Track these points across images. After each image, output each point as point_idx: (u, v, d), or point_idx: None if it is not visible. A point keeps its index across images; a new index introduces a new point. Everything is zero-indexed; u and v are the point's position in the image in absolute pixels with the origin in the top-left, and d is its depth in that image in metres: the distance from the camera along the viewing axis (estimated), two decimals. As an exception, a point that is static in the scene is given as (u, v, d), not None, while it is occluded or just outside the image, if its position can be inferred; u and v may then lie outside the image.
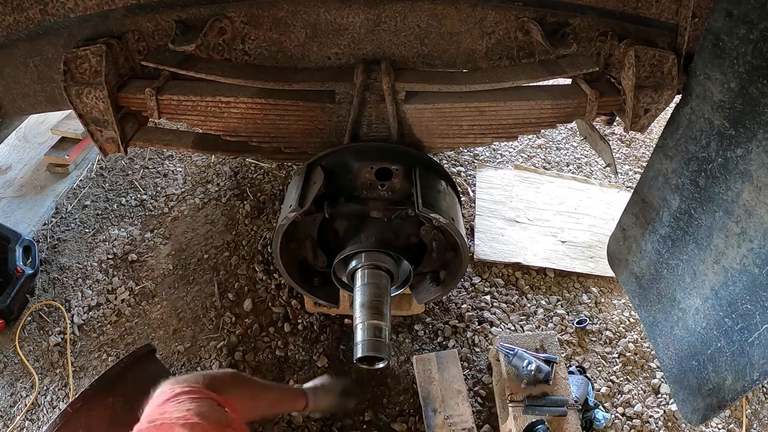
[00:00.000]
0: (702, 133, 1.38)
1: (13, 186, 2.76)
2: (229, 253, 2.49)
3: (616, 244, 1.83)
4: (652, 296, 1.63)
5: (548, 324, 2.30)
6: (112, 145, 1.60)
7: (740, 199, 1.25)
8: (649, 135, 3.21)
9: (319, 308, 2.17)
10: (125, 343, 2.16)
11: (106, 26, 1.51)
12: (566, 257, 2.54)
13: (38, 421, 1.95)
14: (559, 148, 3.27)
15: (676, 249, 1.50)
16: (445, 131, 1.65)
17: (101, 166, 2.96)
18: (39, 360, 2.11)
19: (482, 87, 1.57)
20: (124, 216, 2.69)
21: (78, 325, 2.21)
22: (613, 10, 1.53)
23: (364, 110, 1.62)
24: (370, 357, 1.41)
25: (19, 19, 1.46)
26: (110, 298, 2.31)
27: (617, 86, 1.58)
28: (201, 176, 2.92)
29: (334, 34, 1.59)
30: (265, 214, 2.67)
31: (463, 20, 1.57)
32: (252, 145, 1.66)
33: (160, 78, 1.57)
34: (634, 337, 2.27)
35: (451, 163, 3.04)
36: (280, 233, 1.59)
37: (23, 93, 1.61)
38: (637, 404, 2.07)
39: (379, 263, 1.56)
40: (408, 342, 2.20)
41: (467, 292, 2.40)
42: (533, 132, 1.67)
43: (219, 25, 1.53)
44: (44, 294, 2.32)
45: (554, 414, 1.79)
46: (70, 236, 2.58)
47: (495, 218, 2.72)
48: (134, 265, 2.45)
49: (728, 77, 1.27)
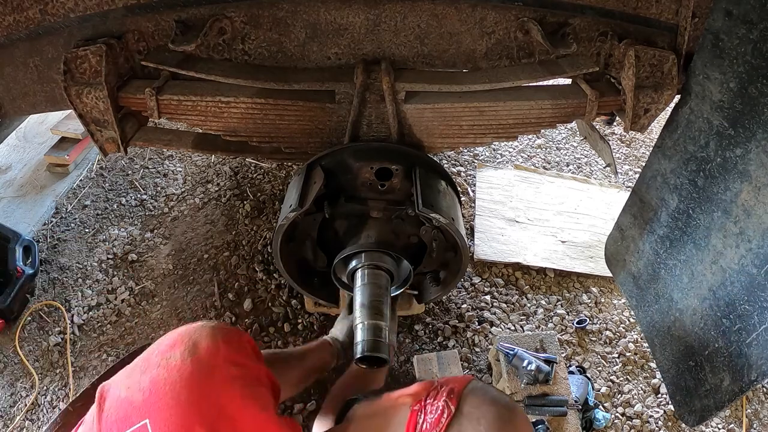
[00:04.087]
0: (701, 132, 1.38)
1: (13, 186, 2.77)
2: (229, 253, 2.49)
3: (613, 244, 1.83)
4: (650, 297, 1.63)
5: (548, 324, 2.30)
6: (112, 145, 1.60)
7: (739, 199, 1.25)
8: (649, 135, 3.22)
9: (319, 308, 2.17)
10: (125, 343, 2.16)
11: (106, 26, 1.51)
12: (566, 257, 2.54)
13: (38, 421, 1.95)
14: (559, 148, 3.27)
15: (674, 249, 1.50)
16: (445, 131, 1.65)
17: (101, 166, 2.96)
18: (39, 360, 2.11)
19: (482, 87, 1.57)
20: (124, 216, 2.69)
21: (78, 325, 2.21)
22: (613, 10, 1.53)
23: (364, 110, 1.62)
24: (370, 357, 1.41)
25: (19, 19, 1.46)
26: (110, 298, 2.31)
27: (617, 86, 1.59)
28: (201, 176, 2.92)
29: (334, 34, 1.59)
30: (265, 214, 2.67)
31: (463, 20, 1.57)
32: (252, 145, 1.66)
33: (160, 78, 1.57)
34: (634, 337, 2.27)
35: (451, 163, 3.04)
36: (280, 233, 1.59)
37: (23, 93, 1.61)
38: (637, 404, 2.07)
39: (379, 263, 1.56)
40: (408, 342, 2.20)
41: (467, 292, 2.40)
42: (533, 132, 1.67)
43: (219, 25, 1.53)
44: (44, 294, 2.32)
45: (554, 414, 1.80)
46: (70, 236, 2.58)
47: (495, 218, 2.72)
48: (134, 265, 2.45)
49: (728, 77, 1.27)
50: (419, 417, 0.91)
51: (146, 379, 0.90)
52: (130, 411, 0.88)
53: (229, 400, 0.89)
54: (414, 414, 0.92)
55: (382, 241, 1.60)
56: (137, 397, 0.88)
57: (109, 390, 0.94)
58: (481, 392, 0.95)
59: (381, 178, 1.62)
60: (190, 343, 0.94)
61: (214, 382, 0.90)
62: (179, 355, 0.92)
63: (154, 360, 0.93)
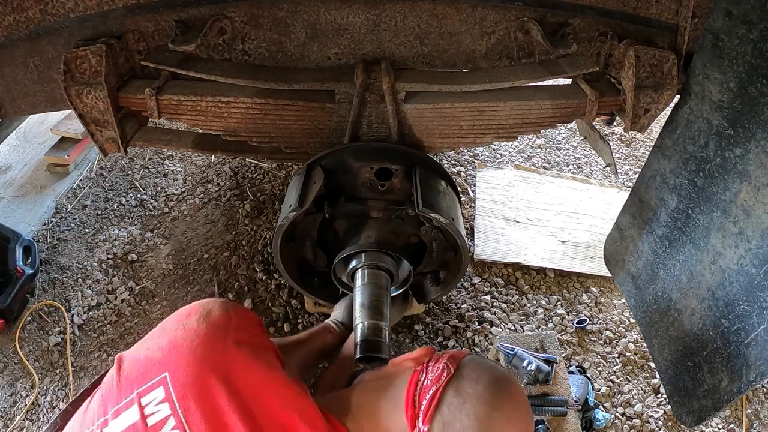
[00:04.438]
0: (700, 132, 1.38)
1: (13, 186, 2.77)
2: (229, 253, 2.49)
3: (612, 244, 1.83)
4: (648, 297, 1.63)
5: (548, 324, 2.30)
6: (112, 145, 1.61)
7: (738, 199, 1.25)
8: (649, 135, 3.22)
9: (319, 308, 2.17)
10: (125, 343, 2.16)
11: (106, 26, 1.52)
12: (566, 257, 2.54)
13: (38, 421, 1.96)
14: (559, 148, 3.27)
15: (673, 249, 1.50)
16: (445, 131, 1.65)
17: (101, 166, 2.96)
18: (39, 360, 2.12)
19: (482, 87, 1.57)
20: (124, 216, 2.69)
21: (78, 325, 2.21)
22: (613, 10, 1.54)
23: (364, 110, 1.62)
24: (370, 357, 1.41)
25: (19, 19, 1.46)
26: (110, 298, 2.31)
27: (617, 86, 1.59)
28: (201, 176, 2.92)
29: (334, 34, 1.59)
30: (265, 214, 2.67)
31: (463, 20, 1.57)
32: (252, 145, 1.66)
33: (160, 78, 1.57)
34: (634, 337, 2.27)
35: (451, 163, 3.05)
36: (280, 233, 1.59)
37: (23, 93, 1.61)
38: (637, 404, 2.07)
39: (379, 263, 1.56)
40: (408, 342, 2.20)
41: (467, 292, 2.40)
42: (533, 132, 1.67)
43: (219, 25, 1.53)
44: (44, 294, 2.32)
45: (554, 414, 1.80)
46: (70, 236, 2.58)
47: (495, 218, 2.72)
48: (134, 265, 2.46)
49: (727, 77, 1.27)
50: (421, 375, 0.99)
51: (164, 341, 0.99)
52: (150, 367, 0.96)
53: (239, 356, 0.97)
54: (416, 373, 1.00)
55: (382, 241, 1.60)
56: (156, 355, 0.97)
57: (126, 355, 1.02)
58: (479, 359, 1.03)
59: (381, 178, 1.62)
60: (204, 311, 1.04)
61: (226, 342, 0.99)
62: (195, 320, 1.02)
63: (171, 326, 1.03)
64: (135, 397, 0.93)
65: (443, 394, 0.94)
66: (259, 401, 0.93)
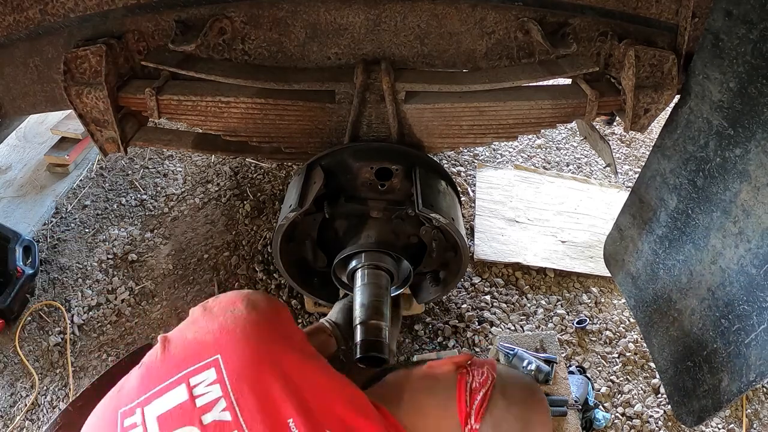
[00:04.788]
0: (700, 132, 1.38)
1: (13, 186, 2.77)
2: (229, 253, 2.49)
3: (612, 244, 1.83)
4: (648, 297, 1.63)
5: (548, 324, 2.30)
6: (112, 145, 1.61)
7: (738, 199, 1.25)
8: (649, 135, 3.21)
9: (319, 308, 2.17)
10: (125, 343, 2.16)
11: (106, 26, 1.52)
12: (566, 257, 2.54)
13: (38, 421, 1.95)
14: (559, 148, 3.27)
15: (673, 249, 1.50)
16: (445, 131, 1.65)
17: (101, 166, 2.96)
18: (39, 360, 2.12)
19: (482, 87, 1.57)
20: (124, 216, 2.69)
21: (78, 325, 2.21)
22: (613, 10, 1.54)
23: (364, 110, 1.62)
24: (370, 357, 1.41)
25: (19, 19, 1.46)
26: (110, 298, 2.31)
27: (617, 86, 1.59)
28: (201, 176, 2.92)
29: (334, 34, 1.59)
30: (265, 214, 2.67)
31: (463, 20, 1.57)
32: (252, 145, 1.66)
33: (160, 78, 1.57)
34: (634, 337, 2.27)
35: (451, 163, 3.04)
36: (280, 233, 1.59)
37: (23, 93, 1.61)
38: (637, 404, 2.07)
39: (379, 263, 1.56)
40: (408, 342, 2.20)
41: (467, 292, 2.40)
42: (533, 132, 1.68)
43: (219, 25, 1.53)
44: (44, 294, 2.32)
45: (554, 414, 1.79)
46: (70, 236, 2.58)
47: (495, 218, 2.72)
48: (134, 265, 2.45)
49: (727, 77, 1.27)
50: (468, 377, 1.07)
51: (214, 325, 1.01)
52: (199, 349, 0.97)
53: (287, 346, 1.01)
54: (463, 375, 1.08)
55: (382, 241, 1.60)
56: (207, 338, 0.98)
57: (172, 336, 1.03)
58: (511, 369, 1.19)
59: (381, 178, 1.62)
60: (249, 301, 1.07)
61: (278, 330, 1.04)
62: (243, 308, 1.04)
63: (218, 312, 1.04)
64: (183, 377, 0.93)
65: (492, 396, 1.04)
66: (313, 392, 0.94)
